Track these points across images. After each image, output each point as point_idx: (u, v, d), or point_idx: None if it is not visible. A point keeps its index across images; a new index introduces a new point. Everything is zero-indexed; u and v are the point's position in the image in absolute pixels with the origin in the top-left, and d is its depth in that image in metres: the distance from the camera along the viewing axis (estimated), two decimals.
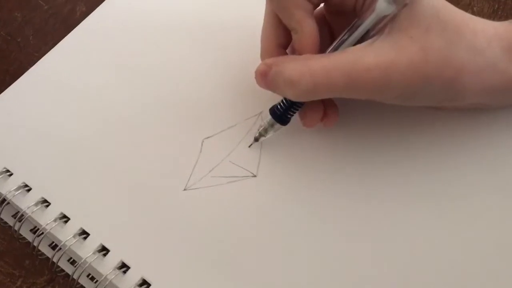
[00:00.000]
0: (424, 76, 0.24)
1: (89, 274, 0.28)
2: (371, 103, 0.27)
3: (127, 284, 0.27)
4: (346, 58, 0.24)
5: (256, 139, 0.30)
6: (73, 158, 0.30)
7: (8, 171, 0.30)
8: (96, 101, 0.32)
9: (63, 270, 0.29)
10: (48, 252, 0.29)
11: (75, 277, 0.28)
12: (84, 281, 0.28)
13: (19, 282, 0.29)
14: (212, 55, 0.34)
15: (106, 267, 0.27)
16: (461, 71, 0.24)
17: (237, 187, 0.29)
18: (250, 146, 0.30)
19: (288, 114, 0.28)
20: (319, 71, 0.24)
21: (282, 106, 0.28)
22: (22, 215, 0.29)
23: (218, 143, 0.30)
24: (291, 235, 0.28)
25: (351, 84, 0.24)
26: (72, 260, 0.29)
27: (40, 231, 0.28)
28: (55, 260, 0.28)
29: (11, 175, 0.30)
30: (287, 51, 0.29)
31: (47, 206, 0.29)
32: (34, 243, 0.29)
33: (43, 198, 0.29)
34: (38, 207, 0.29)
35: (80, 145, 0.31)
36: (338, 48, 0.26)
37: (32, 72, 0.34)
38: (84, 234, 0.28)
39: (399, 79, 0.24)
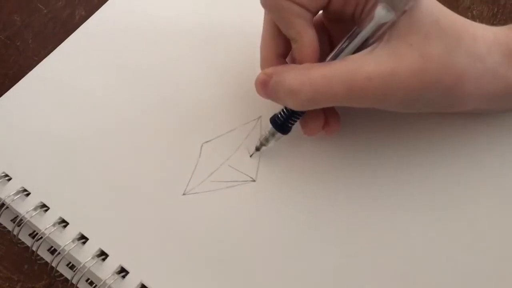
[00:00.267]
0: (424, 84, 0.24)
1: (88, 279, 0.28)
2: (371, 110, 0.26)
3: None
4: (346, 67, 0.24)
5: (257, 149, 0.30)
6: (72, 163, 0.30)
7: (7, 176, 0.30)
8: (95, 105, 0.32)
9: (62, 275, 0.29)
10: (47, 257, 0.29)
11: (74, 282, 0.28)
12: (83, 286, 0.28)
13: (18, 287, 0.29)
14: (212, 60, 0.34)
15: (105, 272, 0.27)
16: (461, 78, 0.24)
17: (236, 192, 0.29)
18: (252, 156, 0.30)
19: (289, 123, 0.28)
20: (320, 80, 0.24)
21: (283, 115, 0.28)
22: (21, 220, 0.29)
23: (218, 148, 0.30)
24: (290, 240, 0.28)
25: (352, 93, 0.24)
26: (71, 265, 0.29)
27: (39, 236, 0.28)
28: (54, 265, 0.28)
29: (10, 180, 0.30)
30: (287, 60, 0.29)
31: (46, 211, 0.29)
32: (33, 248, 0.29)
33: (42, 203, 0.29)
34: (37, 212, 0.29)
35: (79, 150, 0.31)
36: (338, 56, 0.25)
37: (31, 76, 0.34)
38: (83, 239, 0.28)
39: (400, 87, 0.24)
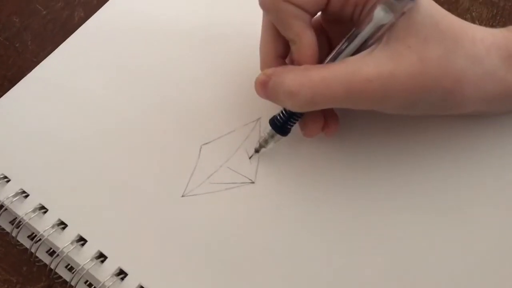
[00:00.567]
0: (423, 87, 0.24)
1: (87, 281, 0.28)
2: (370, 112, 0.26)
3: None
4: (346, 69, 0.24)
5: (257, 151, 0.30)
6: (71, 165, 0.30)
7: (6, 177, 0.30)
8: (94, 107, 0.32)
9: (61, 277, 0.29)
10: (46, 259, 0.29)
11: (73, 284, 0.27)
12: None
13: None
14: (211, 60, 0.34)
15: (104, 274, 0.27)
16: (460, 81, 0.24)
17: (235, 194, 0.29)
18: (251, 158, 0.30)
19: (288, 125, 0.28)
20: (319, 82, 0.24)
21: (282, 117, 0.28)
22: (20, 222, 0.29)
23: (217, 149, 0.30)
24: (289, 242, 0.27)
25: (351, 95, 0.24)
26: (70, 267, 0.29)
27: (38, 238, 0.28)
28: (53, 267, 0.28)
29: (9, 181, 0.30)
30: (286, 61, 0.29)
31: (45, 213, 0.29)
32: (32, 250, 0.29)
33: (41, 205, 0.29)
34: (36, 214, 0.29)
35: (78, 152, 0.31)
36: (337, 58, 0.25)
37: (31, 77, 0.34)
38: (82, 241, 0.28)
39: (399, 90, 0.24)
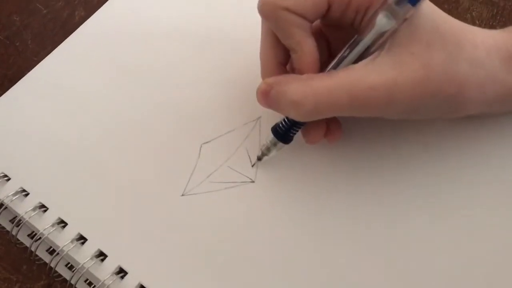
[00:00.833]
0: (427, 93, 0.24)
1: (87, 280, 0.28)
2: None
3: None
4: (349, 78, 0.24)
5: (259, 159, 0.29)
6: (71, 163, 0.30)
7: (6, 176, 0.30)
8: (94, 106, 0.32)
9: (61, 275, 0.29)
10: (46, 257, 0.29)
11: (73, 283, 0.27)
12: (82, 287, 0.28)
13: (16, 287, 0.29)
14: (211, 60, 0.34)
15: (104, 273, 0.27)
16: (463, 85, 0.24)
17: (235, 193, 0.29)
18: (253, 166, 0.30)
19: (291, 133, 0.28)
20: (323, 92, 0.24)
21: (284, 125, 0.27)
22: (20, 220, 0.29)
23: (217, 148, 0.30)
24: (289, 241, 0.27)
25: (355, 104, 0.24)
26: (70, 265, 0.29)
27: (38, 236, 0.28)
28: (53, 265, 0.28)
29: (9, 180, 0.30)
30: (287, 67, 0.28)
31: (45, 211, 0.29)
32: (32, 248, 0.29)
33: (41, 203, 0.29)
34: (36, 212, 0.29)
35: (78, 150, 0.31)
36: (339, 65, 0.25)
37: (31, 76, 0.34)
38: (82, 239, 0.28)
39: (403, 97, 0.24)
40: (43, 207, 0.29)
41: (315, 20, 0.27)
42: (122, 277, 0.27)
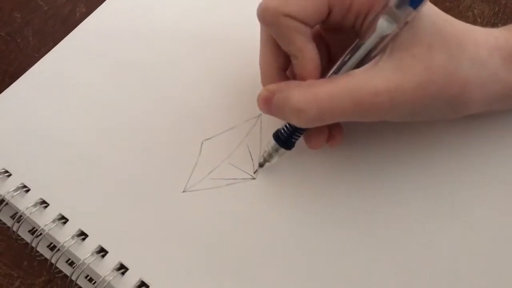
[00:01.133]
0: (430, 95, 0.24)
1: (88, 276, 0.28)
2: None
3: (126, 286, 0.27)
4: (351, 83, 0.24)
5: (261, 165, 0.29)
6: (72, 159, 0.30)
7: (7, 172, 0.30)
8: (95, 102, 0.32)
9: (61, 271, 0.29)
10: (47, 253, 0.29)
11: (74, 278, 0.27)
12: (82, 283, 0.28)
13: (17, 283, 0.29)
14: (212, 57, 0.34)
15: (105, 269, 0.27)
16: (466, 86, 0.24)
17: (236, 189, 0.29)
18: (255, 173, 0.30)
19: (293, 139, 0.27)
20: (325, 98, 0.24)
21: (286, 131, 0.27)
22: (21, 216, 0.29)
23: (218, 145, 0.30)
24: (289, 238, 0.27)
25: (359, 109, 0.24)
26: (71, 261, 0.29)
27: (39, 232, 0.28)
28: (54, 261, 0.28)
29: (10, 176, 0.30)
30: (287, 73, 0.28)
31: (46, 207, 0.29)
32: (33, 244, 0.29)
33: (42, 199, 0.29)
34: (37, 208, 0.29)
35: (79, 146, 0.31)
36: (340, 70, 0.25)
37: (32, 73, 0.34)
38: (83, 235, 0.28)
39: (406, 100, 0.24)
40: (44, 203, 0.29)
41: (316, 25, 0.26)
42: (123, 273, 0.27)
